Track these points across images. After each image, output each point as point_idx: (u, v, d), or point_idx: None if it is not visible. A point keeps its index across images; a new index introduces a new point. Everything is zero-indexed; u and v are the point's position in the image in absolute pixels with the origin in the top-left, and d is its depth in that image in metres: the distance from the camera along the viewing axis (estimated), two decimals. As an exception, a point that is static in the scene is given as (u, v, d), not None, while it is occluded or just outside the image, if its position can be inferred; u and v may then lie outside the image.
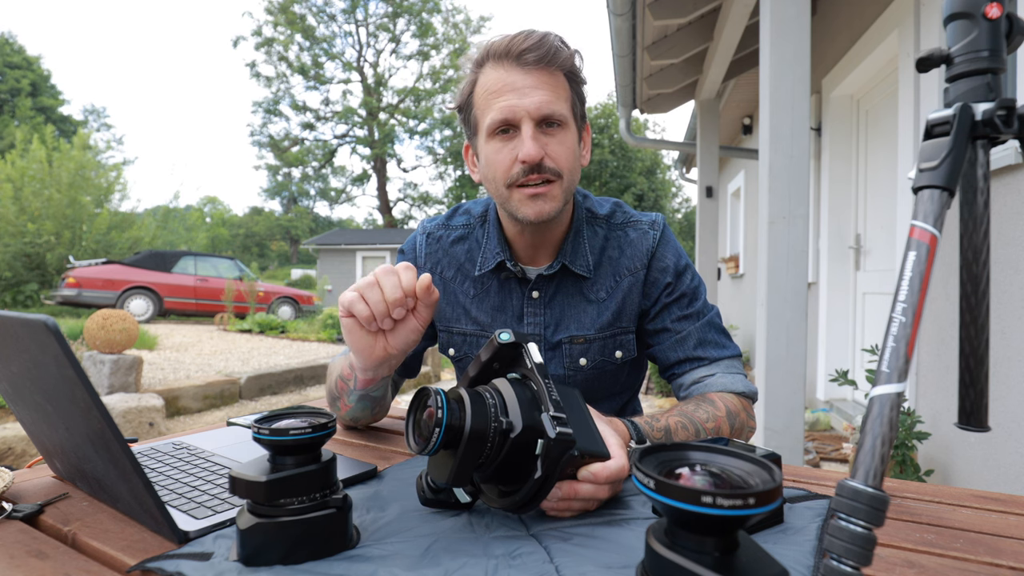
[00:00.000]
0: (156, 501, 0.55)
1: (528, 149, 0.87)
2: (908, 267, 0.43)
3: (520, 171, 0.89)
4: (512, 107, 0.88)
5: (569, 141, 0.92)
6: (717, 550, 0.41)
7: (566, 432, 0.57)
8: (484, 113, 0.91)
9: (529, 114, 0.88)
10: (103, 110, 46.44)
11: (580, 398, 0.67)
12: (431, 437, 0.55)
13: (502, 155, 0.91)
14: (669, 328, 1.01)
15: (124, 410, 3.73)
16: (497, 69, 0.90)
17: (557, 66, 0.90)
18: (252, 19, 45.72)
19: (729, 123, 6.89)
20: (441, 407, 0.55)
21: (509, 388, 0.61)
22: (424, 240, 1.09)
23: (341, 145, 31.43)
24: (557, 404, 0.59)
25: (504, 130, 0.90)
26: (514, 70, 0.88)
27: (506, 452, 0.58)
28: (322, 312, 10.74)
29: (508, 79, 0.88)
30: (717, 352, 1.00)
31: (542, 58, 0.88)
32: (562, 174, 0.91)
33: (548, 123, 0.90)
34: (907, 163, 2.76)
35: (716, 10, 3.94)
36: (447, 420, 0.55)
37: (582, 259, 1.01)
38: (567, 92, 0.92)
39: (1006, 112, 0.44)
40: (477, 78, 0.93)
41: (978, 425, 0.48)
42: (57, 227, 12.70)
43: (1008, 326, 1.98)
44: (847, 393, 3.95)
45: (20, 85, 28.91)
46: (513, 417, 0.58)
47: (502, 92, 0.89)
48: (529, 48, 0.87)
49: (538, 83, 0.88)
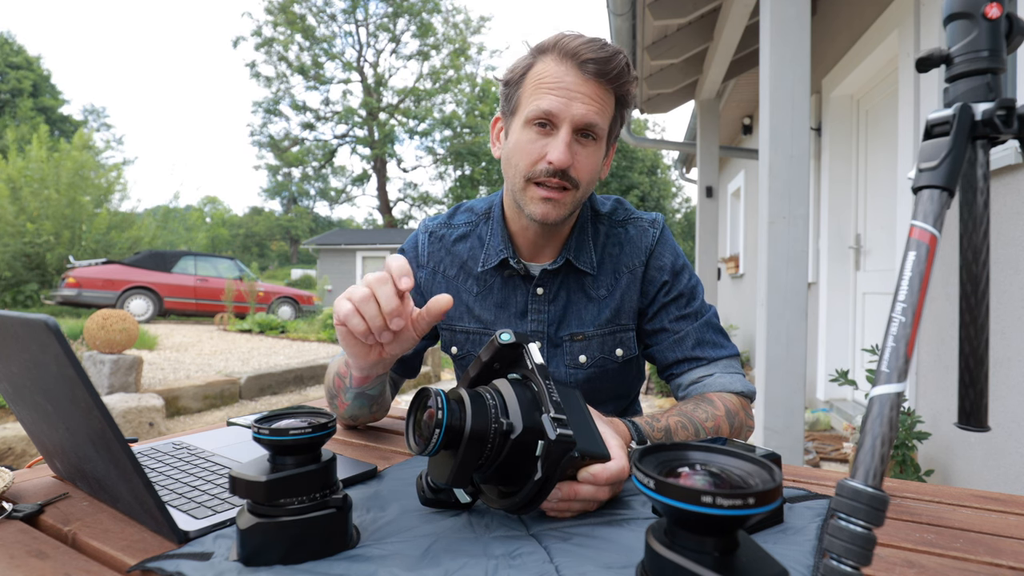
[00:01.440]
0: (156, 501, 0.55)
1: (559, 154, 0.88)
2: (908, 267, 0.43)
3: (544, 170, 0.90)
4: (560, 105, 0.89)
5: (596, 156, 0.94)
6: (717, 550, 0.41)
7: (566, 433, 0.57)
8: (530, 99, 0.91)
9: (572, 119, 0.89)
10: (103, 110, 46.45)
11: (581, 399, 0.67)
12: (431, 438, 0.54)
13: (533, 147, 0.91)
14: (667, 328, 1.02)
15: (124, 410, 3.73)
16: (559, 64, 0.90)
17: (614, 86, 0.91)
18: (252, 19, 45.68)
19: (729, 123, 6.89)
20: (441, 408, 0.55)
21: (510, 389, 0.61)
22: (426, 239, 1.09)
23: (341, 145, 31.42)
24: (557, 405, 0.59)
25: (543, 123, 0.90)
26: (574, 71, 0.89)
27: (506, 453, 0.58)
28: (322, 312, 10.74)
29: (565, 78, 0.89)
30: (715, 352, 1.00)
31: (603, 73, 0.89)
32: (580, 185, 0.93)
33: (584, 133, 0.91)
34: (907, 163, 2.76)
35: (716, 10, 3.94)
36: (447, 421, 0.55)
37: (586, 255, 1.02)
38: (611, 111, 0.93)
39: (1006, 112, 0.44)
40: (535, 63, 0.93)
41: (978, 425, 0.48)
42: (56, 227, 12.69)
43: (1008, 326, 1.98)
44: (847, 393, 3.95)
45: (21, 86, 28.90)
46: (514, 418, 0.58)
47: (554, 88, 0.89)
48: (596, 59, 0.88)
49: (591, 93, 0.89)
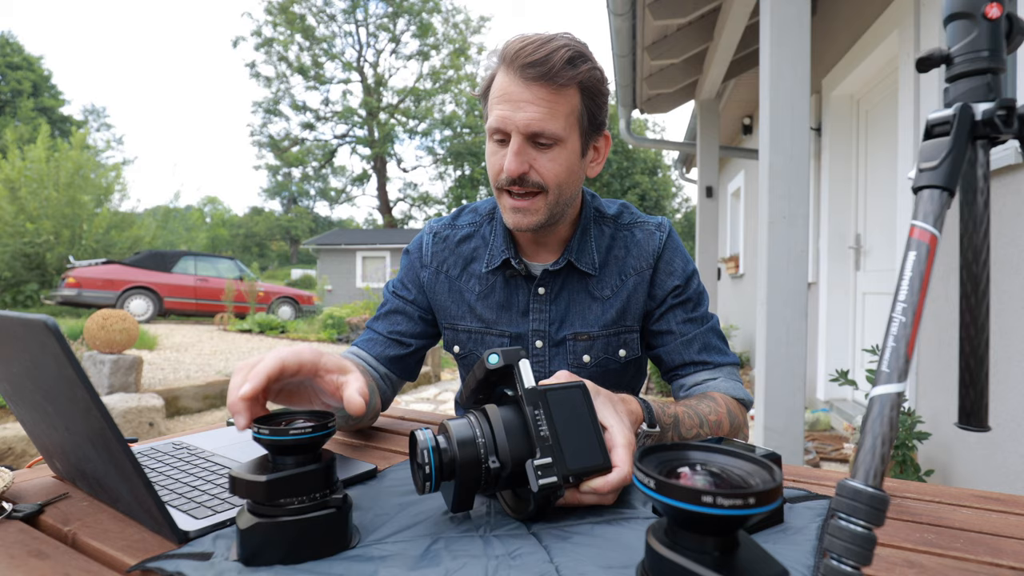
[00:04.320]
0: (156, 501, 0.55)
1: (509, 163, 0.89)
2: (908, 267, 0.43)
3: (504, 180, 0.92)
4: (504, 118, 0.88)
5: (562, 157, 0.91)
6: (717, 550, 0.41)
7: (549, 483, 0.57)
8: (489, 113, 0.93)
9: (518, 128, 0.88)
10: (103, 110, 46.32)
11: (583, 396, 0.65)
12: (425, 485, 0.58)
13: (495, 159, 0.93)
14: (674, 331, 1.02)
15: (124, 410, 3.73)
16: (504, 75, 0.90)
17: (565, 81, 0.87)
18: (252, 20, 45.61)
19: (729, 123, 6.89)
20: (428, 463, 0.57)
21: (499, 419, 0.61)
22: (431, 239, 1.10)
23: (341, 145, 31.40)
24: (544, 441, 0.59)
25: (499, 139, 0.92)
26: (516, 80, 0.87)
27: (504, 479, 0.60)
28: (322, 312, 10.73)
29: (509, 88, 0.88)
30: (720, 358, 1.02)
31: (543, 75, 0.86)
32: (547, 188, 0.92)
33: (538, 139, 0.89)
34: (907, 163, 2.76)
35: (716, 10, 3.94)
36: (435, 477, 0.57)
37: (588, 256, 1.02)
38: (571, 107, 0.90)
39: (1006, 112, 0.44)
40: (495, 74, 0.93)
41: (978, 425, 0.48)
42: (56, 226, 12.68)
43: (1008, 326, 1.98)
44: (847, 393, 3.95)
45: (22, 86, 28.89)
46: (503, 456, 0.59)
47: (501, 100, 0.89)
48: (532, 63, 0.85)
49: (534, 99, 0.87)
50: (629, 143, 5.68)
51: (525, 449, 0.60)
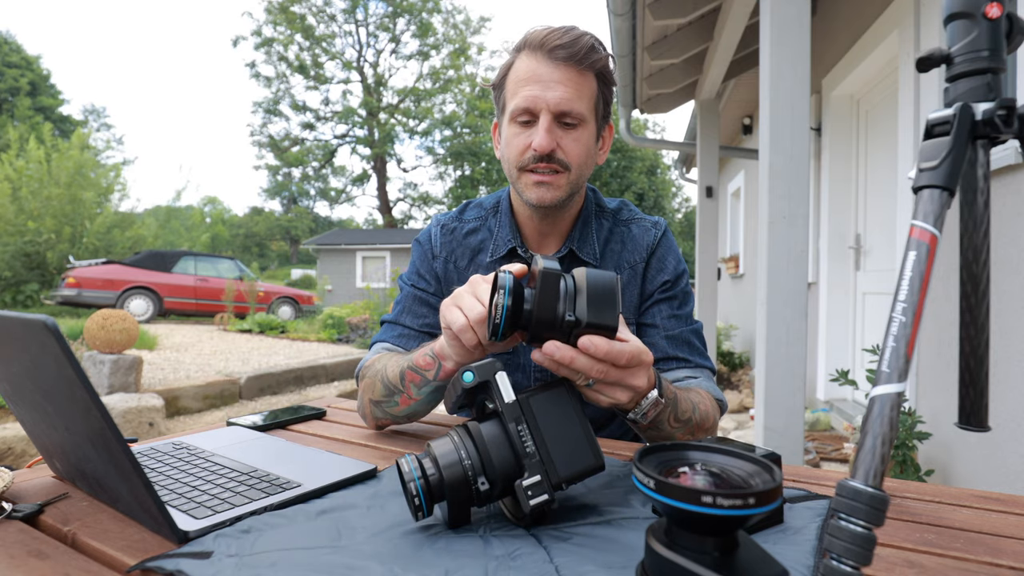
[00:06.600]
0: (156, 501, 0.55)
1: (541, 140, 0.92)
2: (908, 267, 0.43)
3: (531, 158, 0.95)
4: (535, 98, 0.92)
5: (584, 138, 0.96)
6: (717, 550, 0.41)
7: (540, 502, 0.57)
8: (511, 98, 0.96)
9: (548, 107, 0.92)
10: (103, 110, 46.24)
11: (567, 393, 0.63)
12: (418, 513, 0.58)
13: (519, 140, 0.96)
14: (659, 324, 1.04)
15: (124, 410, 3.73)
16: (530, 59, 0.94)
17: (587, 66, 0.93)
18: (252, 19, 45.55)
19: (729, 123, 6.88)
20: (418, 494, 0.57)
21: (483, 439, 0.60)
22: (439, 232, 1.13)
23: (341, 145, 31.35)
24: (531, 458, 0.58)
25: (525, 120, 0.95)
26: (544, 63, 0.92)
27: (496, 496, 0.60)
28: (322, 312, 10.73)
29: (537, 70, 0.93)
30: (701, 360, 1.04)
31: (572, 56, 0.91)
32: (571, 167, 0.96)
33: (565, 120, 0.94)
34: (907, 163, 2.76)
35: (716, 10, 3.94)
36: (426, 504, 0.58)
37: (589, 247, 1.05)
38: (592, 92, 0.96)
39: (1006, 112, 0.44)
40: (513, 63, 0.97)
41: (978, 425, 0.48)
42: (57, 224, 12.66)
43: (1008, 326, 1.98)
44: (847, 393, 3.95)
45: (19, 84, 28.86)
46: (491, 476, 0.59)
47: (529, 82, 0.93)
48: (562, 45, 0.91)
49: (563, 79, 0.92)
50: (629, 143, 5.67)
51: (513, 466, 0.59)
